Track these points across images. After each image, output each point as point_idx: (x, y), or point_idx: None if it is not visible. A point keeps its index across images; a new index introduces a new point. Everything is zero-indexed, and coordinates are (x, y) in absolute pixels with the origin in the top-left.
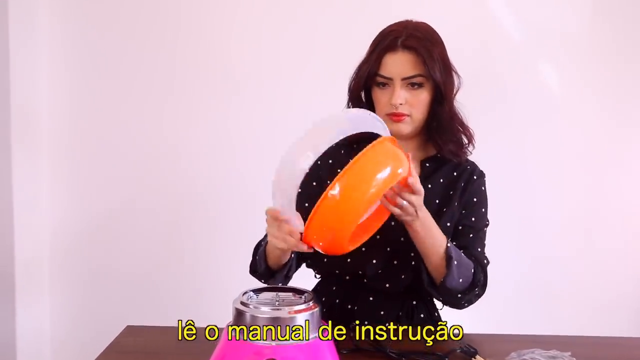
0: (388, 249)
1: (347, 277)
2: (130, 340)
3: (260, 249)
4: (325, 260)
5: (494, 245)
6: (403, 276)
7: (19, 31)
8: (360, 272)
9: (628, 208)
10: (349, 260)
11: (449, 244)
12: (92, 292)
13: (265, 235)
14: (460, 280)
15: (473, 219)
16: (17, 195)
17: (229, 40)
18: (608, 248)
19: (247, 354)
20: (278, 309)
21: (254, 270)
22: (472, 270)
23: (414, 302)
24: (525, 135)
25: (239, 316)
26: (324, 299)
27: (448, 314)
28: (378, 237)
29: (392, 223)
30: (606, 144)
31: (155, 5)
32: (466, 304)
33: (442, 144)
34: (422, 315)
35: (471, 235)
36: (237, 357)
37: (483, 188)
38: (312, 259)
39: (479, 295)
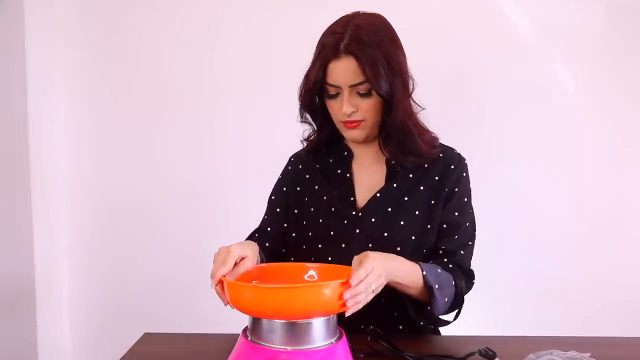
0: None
1: None
2: (147, 348)
3: None
4: None
5: (512, 247)
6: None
7: (34, 35)
8: None
9: None
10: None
11: (424, 272)
12: (111, 299)
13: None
14: (446, 299)
15: (456, 213)
16: (35, 203)
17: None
18: (629, 249)
19: (263, 359)
20: None
21: None
22: (453, 282)
23: (395, 314)
24: (542, 135)
25: (255, 321)
26: None
27: (464, 315)
28: (343, 245)
29: (357, 231)
30: (624, 144)
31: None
32: (455, 319)
33: (398, 156)
34: (400, 327)
35: (456, 237)
36: None
37: (464, 174)
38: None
39: (463, 299)
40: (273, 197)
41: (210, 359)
